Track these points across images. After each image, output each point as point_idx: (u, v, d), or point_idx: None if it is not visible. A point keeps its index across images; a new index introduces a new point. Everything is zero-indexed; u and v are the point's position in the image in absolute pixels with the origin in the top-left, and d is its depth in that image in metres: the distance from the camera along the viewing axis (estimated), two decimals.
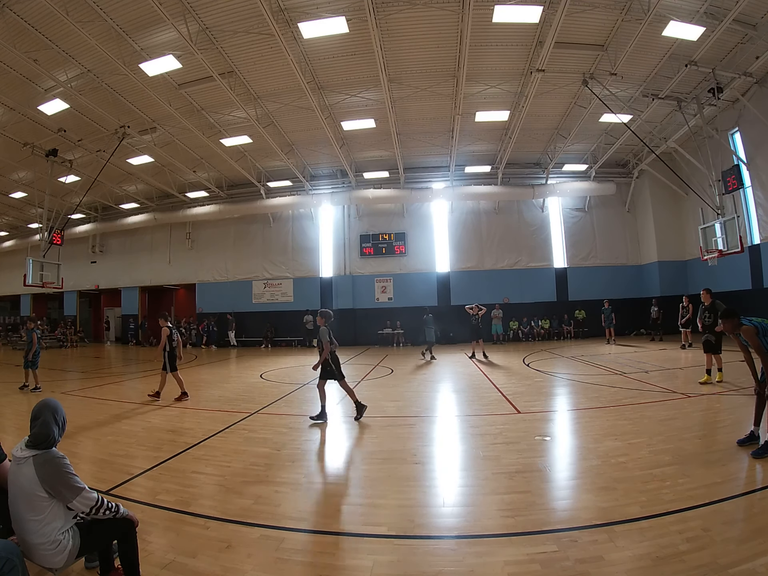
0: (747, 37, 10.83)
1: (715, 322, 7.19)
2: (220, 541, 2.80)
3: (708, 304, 7.49)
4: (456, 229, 20.19)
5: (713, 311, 7.31)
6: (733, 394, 6.42)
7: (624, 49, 10.78)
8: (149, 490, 3.68)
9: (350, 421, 5.93)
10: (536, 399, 6.97)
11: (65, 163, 15.62)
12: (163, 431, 5.57)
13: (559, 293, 19.64)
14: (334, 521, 3.14)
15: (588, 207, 19.92)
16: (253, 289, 21.15)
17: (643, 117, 14.04)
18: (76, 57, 10.89)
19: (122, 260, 23.38)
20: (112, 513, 2.22)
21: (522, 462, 4.02)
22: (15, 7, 9.06)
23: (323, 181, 20.34)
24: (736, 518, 2.85)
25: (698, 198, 13.98)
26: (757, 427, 4.08)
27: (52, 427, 2.16)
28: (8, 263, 25.00)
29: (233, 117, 14.26)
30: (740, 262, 14.03)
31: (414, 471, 4.01)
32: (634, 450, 4.16)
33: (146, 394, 7.75)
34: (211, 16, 9.82)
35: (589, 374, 9.04)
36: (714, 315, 7.25)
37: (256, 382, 9.86)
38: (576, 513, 3.04)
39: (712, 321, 7.25)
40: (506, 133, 16.15)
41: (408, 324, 18.64)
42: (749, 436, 4.08)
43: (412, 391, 8.29)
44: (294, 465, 4.25)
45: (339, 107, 13.98)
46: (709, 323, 7.33)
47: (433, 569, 2.45)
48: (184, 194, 20.79)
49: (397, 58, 11.70)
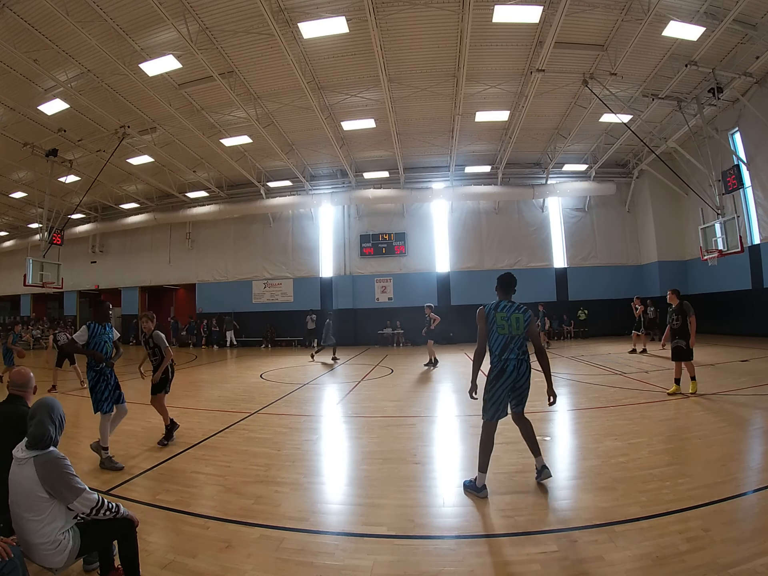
0: (747, 37, 10.83)
1: (684, 325, 6.51)
2: (220, 541, 2.80)
3: (676, 306, 6.68)
4: (456, 229, 20.19)
5: (682, 313, 6.56)
6: (733, 394, 6.41)
7: (624, 49, 10.78)
8: (149, 490, 3.68)
9: (350, 421, 5.93)
10: (536, 399, 6.94)
11: (65, 163, 15.61)
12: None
13: (559, 293, 19.64)
14: (334, 521, 3.14)
15: (588, 207, 19.92)
16: (253, 289, 21.16)
17: (643, 117, 14.04)
18: (76, 57, 10.89)
19: (122, 260, 23.38)
20: (113, 513, 2.22)
21: (522, 462, 4.01)
22: (15, 7, 9.06)
23: (323, 181, 20.34)
24: (736, 518, 2.85)
25: (698, 198, 13.98)
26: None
27: (47, 427, 2.15)
28: (8, 263, 24.99)
29: (233, 117, 14.26)
30: (740, 262, 14.04)
31: (414, 471, 4.01)
32: (634, 450, 4.15)
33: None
34: (211, 16, 9.82)
35: (589, 374, 9.05)
36: (683, 317, 6.53)
37: (256, 382, 9.86)
38: (576, 513, 3.03)
39: (681, 323, 6.53)
40: (506, 133, 16.15)
41: (408, 324, 18.64)
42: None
43: (412, 391, 8.29)
44: (294, 465, 4.25)
45: (339, 107, 13.98)
46: (678, 326, 6.56)
47: (433, 569, 2.45)
48: (184, 194, 20.80)
49: (397, 58, 11.70)
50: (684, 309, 6.57)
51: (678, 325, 6.57)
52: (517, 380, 3.43)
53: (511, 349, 3.43)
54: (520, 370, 3.43)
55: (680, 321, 6.56)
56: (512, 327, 3.45)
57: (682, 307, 6.61)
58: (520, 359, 3.44)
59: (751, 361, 9.63)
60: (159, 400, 5.15)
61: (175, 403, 7.40)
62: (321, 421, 6.25)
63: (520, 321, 3.47)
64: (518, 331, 3.45)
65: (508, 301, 3.64)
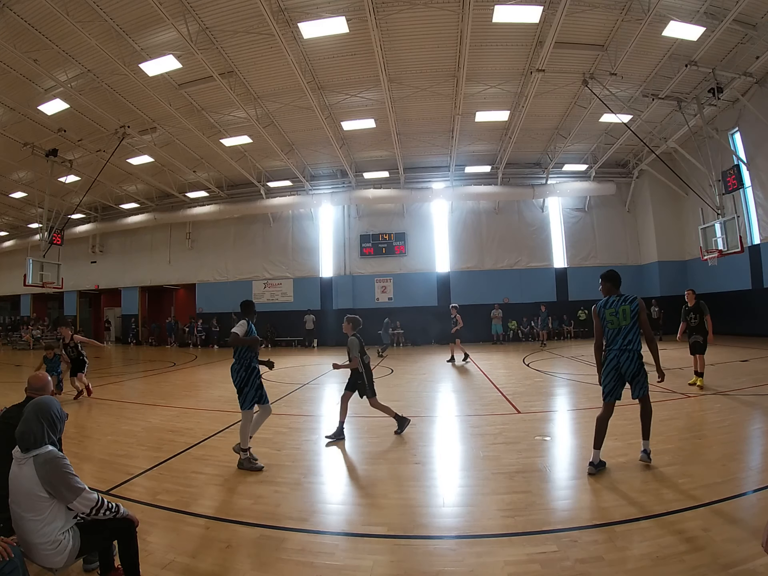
0: (747, 37, 10.83)
1: (701, 323, 7.13)
2: (220, 541, 2.80)
3: (692, 305, 7.27)
4: (456, 229, 20.19)
5: (698, 312, 7.17)
6: (733, 394, 6.41)
7: (624, 49, 10.78)
8: (149, 490, 3.67)
9: (349, 421, 5.91)
10: (536, 399, 6.97)
11: (65, 163, 15.62)
12: (163, 431, 5.57)
13: (559, 293, 19.63)
14: (334, 521, 3.14)
15: (588, 207, 19.92)
16: (253, 289, 21.13)
17: (643, 117, 14.04)
18: (76, 57, 10.89)
19: (122, 260, 23.38)
20: (113, 513, 2.22)
21: (522, 462, 4.02)
22: (15, 7, 9.06)
23: (323, 181, 20.34)
24: (736, 518, 2.85)
25: (698, 198, 13.98)
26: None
27: (32, 425, 2.14)
28: (8, 263, 25.00)
29: (233, 117, 14.26)
30: (740, 262, 14.04)
31: (414, 471, 4.01)
32: (634, 450, 4.15)
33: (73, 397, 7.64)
34: (211, 16, 9.82)
35: (590, 374, 9.03)
36: (699, 315, 7.15)
37: None
38: (576, 513, 3.03)
39: (698, 321, 7.16)
40: (506, 133, 16.15)
41: (408, 324, 18.65)
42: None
43: (412, 391, 8.29)
44: (294, 465, 4.25)
45: (339, 107, 13.98)
46: (695, 324, 7.20)
47: (433, 569, 2.45)
48: (184, 194, 20.79)
49: (397, 58, 11.70)
50: (701, 308, 7.14)
51: (695, 323, 7.19)
52: (619, 368, 3.75)
53: (617, 340, 3.76)
54: (620, 359, 3.74)
55: (697, 319, 7.18)
56: (620, 319, 3.75)
57: (699, 306, 7.17)
58: (622, 349, 3.73)
59: (751, 361, 9.63)
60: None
61: (175, 403, 7.42)
62: (321, 421, 6.24)
63: (627, 312, 3.75)
64: (626, 321, 3.74)
65: (617, 294, 3.88)
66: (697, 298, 7.28)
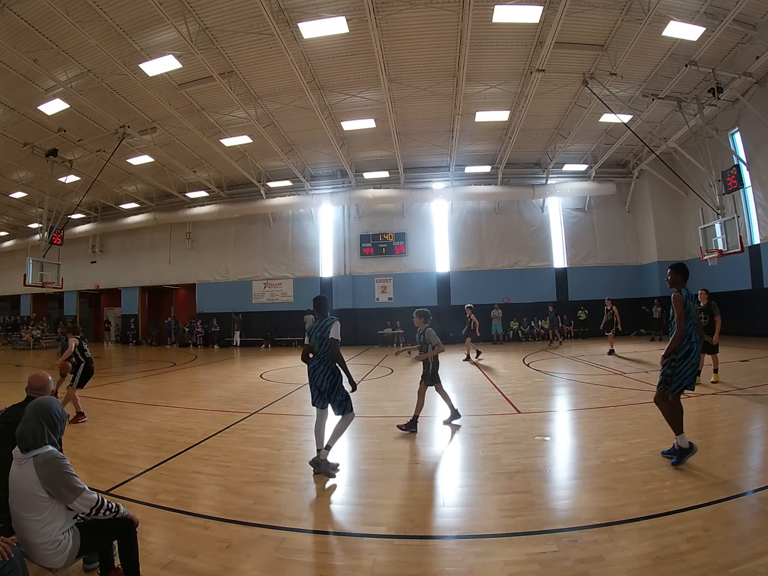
0: (747, 37, 10.83)
1: (711, 323, 7.15)
2: (220, 541, 2.80)
3: (704, 305, 7.26)
4: (456, 229, 20.19)
5: (709, 312, 7.20)
6: (732, 394, 6.41)
7: (624, 49, 10.78)
8: (149, 490, 3.67)
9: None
10: (536, 399, 6.97)
11: (65, 163, 15.62)
12: (163, 431, 5.56)
13: (559, 293, 19.63)
14: (334, 521, 3.14)
15: (588, 207, 19.92)
16: (253, 289, 21.16)
17: (643, 117, 14.04)
18: (76, 57, 10.89)
19: (122, 260, 23.38)
20: (113, 513, 2.22)
21: (522, 462, 4.01)
22: (15, 7, 9.07)
23: (323, 181, 20.34)
24: (736, 518, 2.85)
25: (698, 198, 13.98)
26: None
27: (33, 425, 2.14)
28: (8, 263, 25.01)
29: (233, 117, 14.26)
30: (740, 262, 14.04)
31: (414, 471, 4.01)
32: (634, 450, 4.15)
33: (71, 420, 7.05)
34: (211, 16, 9.82)
35: (589, 374, 9.04)
36: (710, 316, 7.18)
37: (256, 382, 9.86)
38: (576, 513, 3.03)
39: (708, 322, 7.16)
40: (506, 133, 16.15)
41: (408, 324, 18.60)
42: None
43: (412, 391, 8.19)
44: (294, 465, 4.25)
45: (339, 107, 13.98)
46: (706, 324, 7.15)
47: (433, 569, 2.45)
48: (184, 194, 20.80)
49: (397, 58, 11.70)
50: (711, 309, 7.21)
51: (706, 323, 7.13)
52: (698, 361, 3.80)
53: (694, 334, 3.75)
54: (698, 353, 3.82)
55: (708, 319, 7.18)
56: (694, 315, 3.78)
57: (710, 306, 7.22)
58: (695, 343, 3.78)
59: (751, 361, 9.63)
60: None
61: (176, 403, 7.42)
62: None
63: (696, 311, 3.85)
64: (695, 318, 3.80)
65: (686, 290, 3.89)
66: (709, 299, 7.31)
